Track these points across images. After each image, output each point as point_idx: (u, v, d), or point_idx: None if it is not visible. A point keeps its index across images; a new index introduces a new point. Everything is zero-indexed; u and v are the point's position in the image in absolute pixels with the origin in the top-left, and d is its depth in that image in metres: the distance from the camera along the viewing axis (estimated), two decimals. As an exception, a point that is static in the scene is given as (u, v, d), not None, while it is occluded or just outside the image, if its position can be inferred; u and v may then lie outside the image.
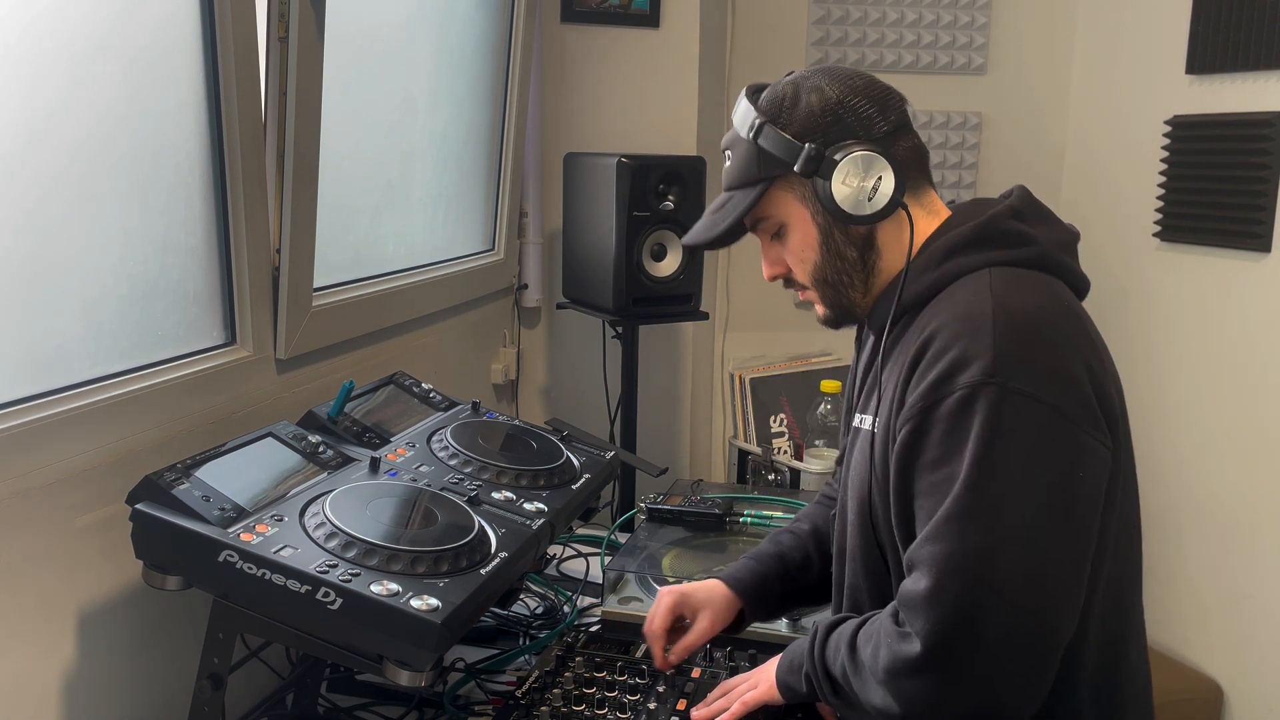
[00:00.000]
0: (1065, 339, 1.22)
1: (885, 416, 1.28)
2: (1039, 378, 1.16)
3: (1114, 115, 3.10)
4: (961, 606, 1.12)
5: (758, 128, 1.31)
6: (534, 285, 2.98)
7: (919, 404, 1.19)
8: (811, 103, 1.30)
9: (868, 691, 1.21)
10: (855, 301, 1.36)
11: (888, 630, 1.19)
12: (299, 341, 1.84)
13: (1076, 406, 1.18)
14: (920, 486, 1.20)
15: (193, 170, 1.61)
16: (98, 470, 1.40)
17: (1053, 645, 1.15)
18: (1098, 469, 1.20)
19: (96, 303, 1.45)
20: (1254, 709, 2.70)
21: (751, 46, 3.13)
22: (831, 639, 1.29)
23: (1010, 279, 1.24)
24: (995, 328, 1.17)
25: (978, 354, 1.16)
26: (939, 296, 1.27)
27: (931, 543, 1.15)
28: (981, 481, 1.14)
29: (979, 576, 1.12)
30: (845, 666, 1.25)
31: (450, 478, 1.60)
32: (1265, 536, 2.63)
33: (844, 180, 1.27)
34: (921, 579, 1.15)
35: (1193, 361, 2.81)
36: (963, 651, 1.13)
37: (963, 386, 1.16)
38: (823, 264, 1.35)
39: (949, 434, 1.17)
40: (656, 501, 2.16)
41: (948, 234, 1.31)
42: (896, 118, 1.32)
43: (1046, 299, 1.25)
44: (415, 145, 2.39)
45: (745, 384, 3.23)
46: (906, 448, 1.21)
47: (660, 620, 1.52)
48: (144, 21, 1.48)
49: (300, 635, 1.28)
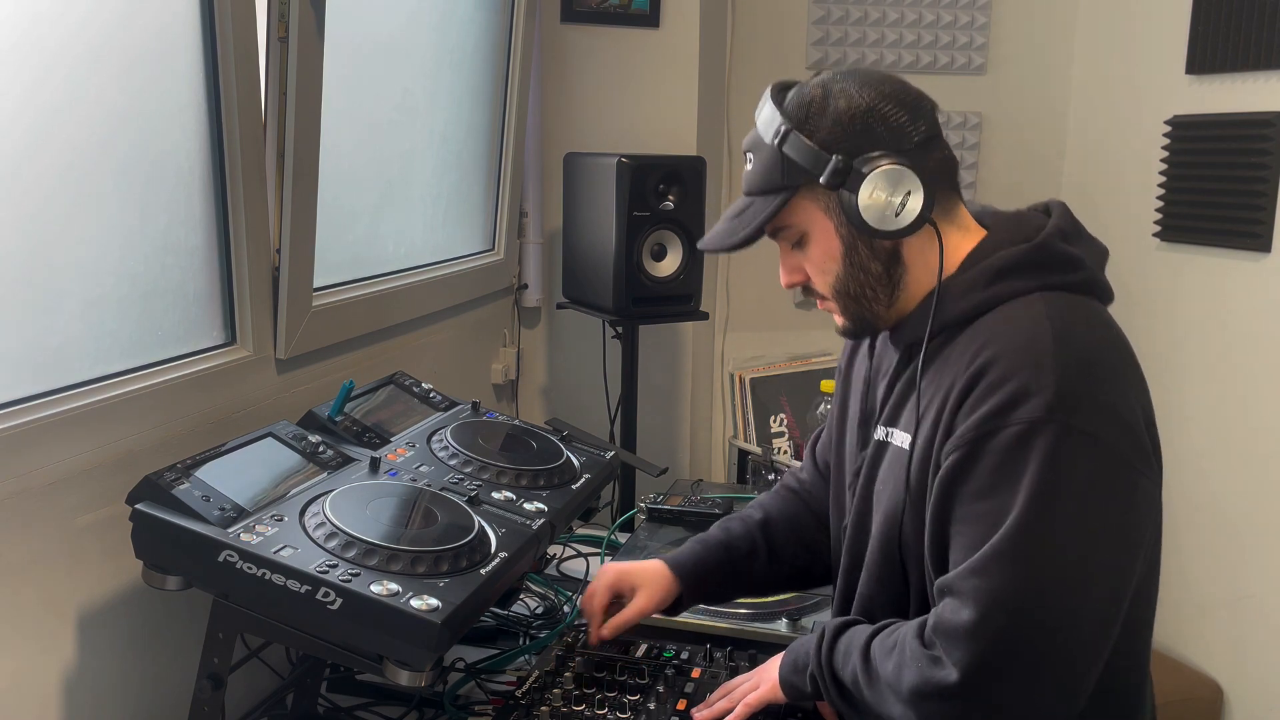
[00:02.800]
0: (1122, 375, 1.21)
1: (926, 438, 1.25)
2: (1099, 417, 1.15)
3: (1114, 115, 3.10)
4: (1003, 642, 1.13)
5: (783, 134, 1.26)
6: (534, 285, 2.98)
7: (971, 434, 1.17)
8: (840, 109, 1.25)
9: (884, 704, 1.21)
10: (878, 315, 1.33)
11: (915, 652, 1.18)
12: (299, 341, 1.84)
13: (1132, 446, 1.17)
14: (961, 513, 1.19)
15: (193, 170, 1.61)
16: (98, 470, 1.40)
17: (1085, 680, 1.16)
18: (1147, 506, 1.20)
19: (97, 302, 1.45)
20: (1254, 709, 2.70)
21: (751, 46, 3.13)
22: (841, 643, 1.29)
23: (1065, 306, 1.22)
24: (1055, 361, 1.15)
25: (1039, 388, 1.14)
26: (986, 317, 1.24)
27: (977, 575, 1.14)
28: (1036, 520, 1.13)
29: (1023, 615, 1.13)
30: (858, 675, 1.24)
31: (450, 478, 1.60)
32: (1265, 536, 2.63)
33: (871, 194, 1.22)
34: (963, 610, 1.14)
35: (1193, 361, 2.81)
36: (998, 684, 1.13)
37: (1022, 421, 1.14)
38: (845, 276, 1.31)
39: (1001, 467, 1.15)
40: (656, 501, 2.16)
41: (997, 254, 1.27)
42: (928, 127, 1.27)
43: (1102, 330, 1.24)
44: (415, 145, 2.39)
45: (745, 384, 3.23)
46: (953, 474, 1.19)
47: (600, 597, 1.53)
48: (144, 22, 1.48)
49: (300, 635, 1.28)
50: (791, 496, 1.64)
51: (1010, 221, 1.32)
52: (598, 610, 1.53)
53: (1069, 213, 1.33)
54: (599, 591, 1.54)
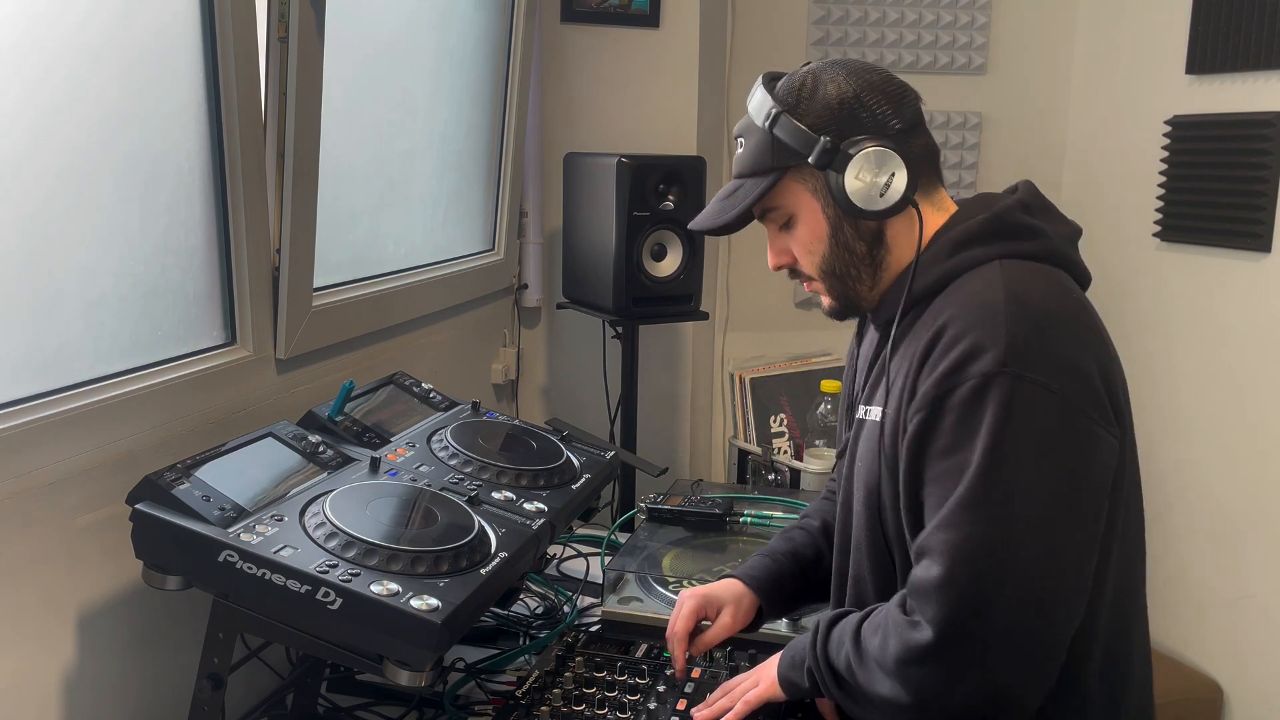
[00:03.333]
0: (1076, 330, 1.23)
1: (895, 407, 1.28)
2: (1051, 368, 1.17)
3: (1114, 115, 3.10)
4: (973, 594, 1.13)
5: (774, 117, 1.31)
6: (534, 285, 2.98)
7: (931, 392, 1.20)
8: (829, 94, 1.31)
9: (874, 682, 1.21)
10: (862, 294, 1.37)
11: (896, 620, 1.19)
12: (299, 341, 1.84)
13: (1087, 396, 1.19)
14: (930, 474, 1.21)
15: (193, 171, 1.61)
16: (98, 470, 1.40)
17: (1061, 632, 1.16)
18: (1106, 458, 1.21)
19: (97, 303, 1.45)
20: (1254, 709, 2.70)
21: (751, 46, 3.13)
22: (834, 633, 1.30)
23: (1021, 270, 1.26)
24: (1008, 318, 1.18)
25: (991, 343, 1.17)
26: (949, 288, 1.28)
27: (943, 530, 1.16)
28: (994, 469, 1.15)
29: (990, 564, 1.13)
30: (850, 659, 1.25)
31: (450, 478, 1.60)
32: (1265, 536, 2.63)
33: (857, 175, 1.28)
34: (933, 566, 1.15)
35: (1193, 361, 2.81)
36: (973, 639, 1.14)
37: (976, 375, 1.17)
38: (830, 256, 1.36)
39: (961, 422, 1.18)
40: (656, 501, 2.16)
41: (957, 227, 1.31)
42: (911, 115, 1.32)
43: (1057, 290, 1.26)
44: (415, 145, 2.39)
45: (745, 384, 3.23)
46: (918, 436, 1.22)
47: (684, 623, 1.52)
48: (144, 22, 1.48)
49: (300, 635, 1.28)
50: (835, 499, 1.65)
51: (976, 200, 1.37)
52: (683, 637, 1.51)
53: (1035, 189, 1.37)
54: (682, 618, 1.52)
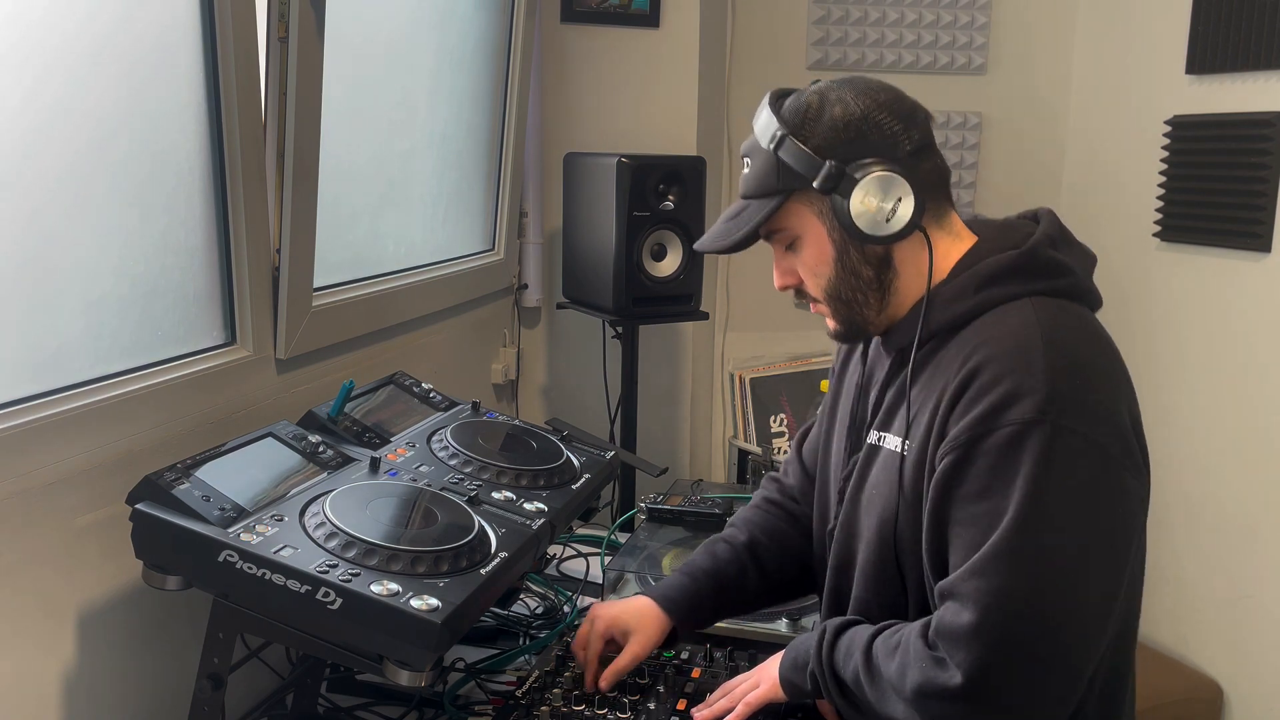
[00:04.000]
0: (1111, 377, 1.23)
1: (920, 442, 1.27)
2: (1089, 418, 1.17)
3: (1114, 115, 3.10)
4: (1005, 643, 1.14)
5: (779, 139, 1.28)
6: (534, 285, 2.98)
7: (965, 435, 1.19)
8: (835, 116, 1.27)
9: (886, 703, 1.22)
10: (869, 319, 1.35)
11: (919, 652, 1.19)
12: (299, 341, 1.84)
13: (1121, 447, 1.19)
14: (959, 516, 1.20)
15: (193, 170, 1.61)
16: (98, 470, 1.40)
17: (1084, 674, 1.18)
18: (1137, 505, 1.23)
19: (97, 303, 1.45)
20: (1254, 709, 2.70)
21: (751, 46, 3.13)
22: (842, 642, 1.29)
23: (1053, 311, 1.24)
24: (1046, 364, 1.17)
25: (1030, 390, 1.16)
26: (976, 323, 1.26)
27: (977, 577, 1.16)
28: (1031, 520, 1.14)
29: (1024, 613, 1.14)
30: (860, 674, 1.25)
31: (450, 478, 1.60)
32: (1265, 536, 2.63)
33: (863, 200, 1.25)
34: (964, 612, 1.15)
35: (1193, 361, 2.81)
36: (1001, 684, 1.15)
37: (1014, 422, 1.16)
38: (836, 280, 1.33)
39: (996, 468, 1.17)
40: (656, 501, 2.16)
41: (985, 260, 1.29)
42: (921, 136, 1.29)
43: (1090, 334, 1.26)
44: (415, 145, 2.39)
45: (745, 384, 3.23)
46: (948, 477, 1.21)
47: (595, 646, 1.50)
48: (144, 22, 1.48)
49: (300, 635, 1.28)
50: (773, 510, 1.63)
51: (999, 229, 1.35)
52: (594, 659, 1.50)
53: (1057, 220, 1.35)
54: (593, 640, 1.50)
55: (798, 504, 1.62)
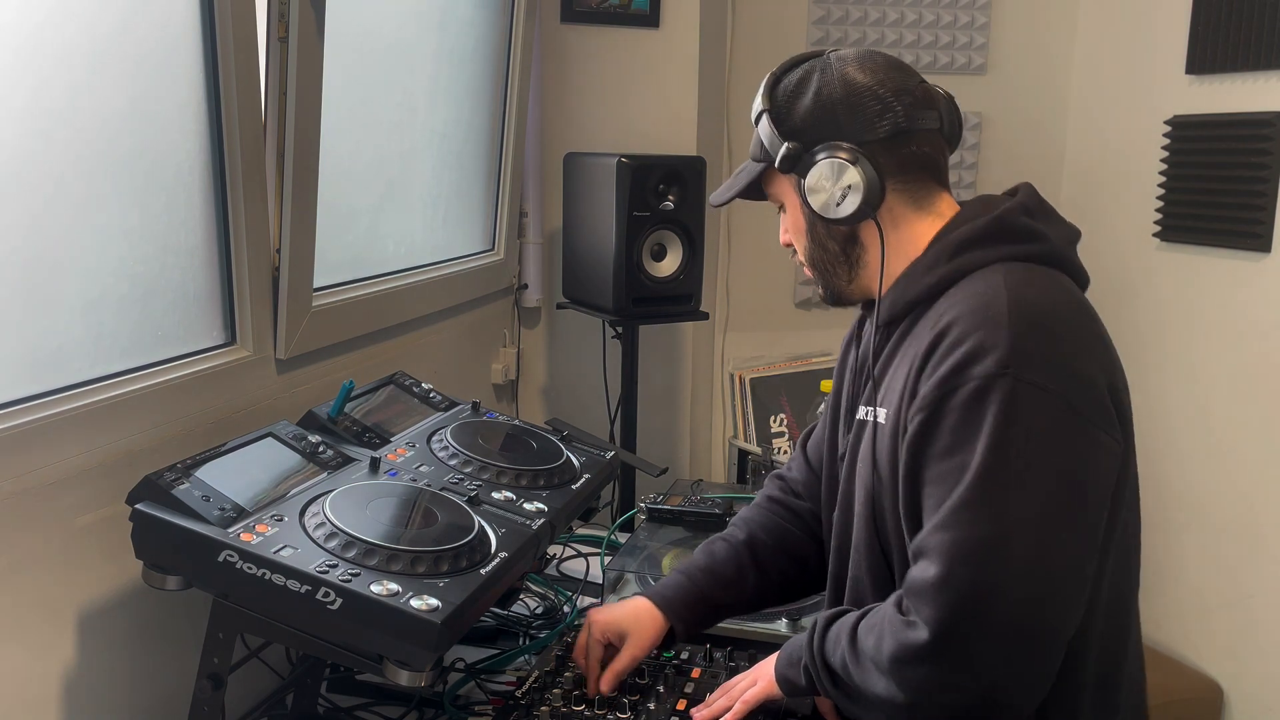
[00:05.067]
0: (1079, 334, 1.24)
1: (894, 408, 1.28)
2: (1053, 371, 1.17)
3: (1114, 115, 3.10)
4: (971, 594, 1.13)
5: (758, 115, 1.36)
6: (534, 285, 2.98)
7: (933, 394, 1.20)
8: (813, 97, 1.33)
9: (869, 681, 1.21)
10: (841, 288, 1.42)
11: (892, 619, 1.19)
12: (299, 341, 1.84)
13: (1089, 401, 1.19)
14: (930, 475, 1.21)
15: (193, 170, 1.61)
16: (98, 470, 1.40)
17: (1058, 636, 1.16)
18: (1108, 464, 1.21)
19: (97, 303, 1.45)
20: (1254, 709, 2.70)
21: (751, 46, 3.13)
22: (831, 631, 1.30)
23: (1023, 274, 1.25)
24: (1011, 320, 1.18)
25: (993, 346, 1.17)
26: (951, 290, 1.28)
27: (941, 530, 1.16)
28: (993, 471, 1.15)
29: (988, 565, 1.13)
30: (845, 657, 1.25)
31: (450, 478, 1.60)
32: (1265, 536, 2.63)
33: (816, 182, 1.32)
34: (930, 566, 1.15)
35: (1193, 361, 2.81)
36: (970, 639, 1.13)
37: (977, 377, 1.17)
38: (810, 249, 1.41)
39: (961, 424, 1.17)
40: (656, 501, 2.16)
41: (958, 229, 1.31)
42: (904, 121, 1.31)
43: (1060, 294, 1.26)
44: (415, 145, 2.39)
45: (745, 384, 3.23)
46: (918, 437, 1.22)
47: (595, 652, 1.50)
48: (145, 22, 1.48)
49: (300, 635, 1.28)
50: (775, 508, 1.63)
51: (975, 203, 1.37)
52: (594, 664, 1.49)
53: (1035, 192, 1.37)
54: (592, 645, 1.50)
55: (801, 500, 1.62)
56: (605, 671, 1.48)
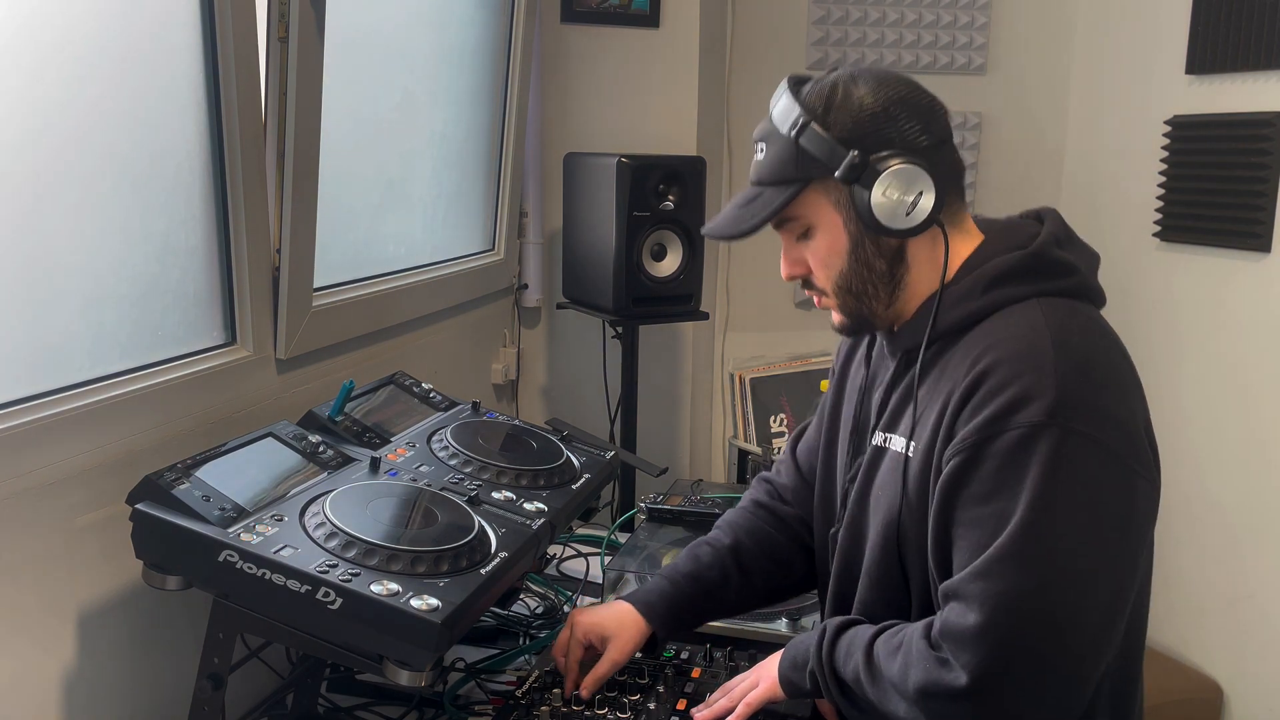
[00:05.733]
0: (1120, 379, 1.23)
1: (925, 442, 1.27)
2: (1099, 420, 1.16)
3: (1114, 115, 3.10)
4: (1011, 645, 1.14)
5: (801, 126, 1.26)
6: (534, 285, 2.98)
7: (973, 437, 1.19)
8: (857, 105, 1.26)
9: (888, 702, 1.22)
10: (876, 313, 1.33)
11: (922, 652, 1.19)
12: (299, 341, 1.84)
13: (1131, 448, 1.19)
14: (965, 517, 1.20)
15: (193, 170, 1.61)
16: (98, 470, 1.40)
17: (1091, 678, 1.18)
18: (1147, 507, 1.22)
19: (97, 302, 1.45)
20: (1254, 709, 2.70)
21: (751, 46, 3.13)
22: (842, 641, 1.29)
23: (1061, 312, 1.24)
24: (1056, 366, 1.17)
25: (1039, 393, 1.16)
26: (983, 324, 1.26)
27: (983, 579, 1.15)
28: (1038, 522, 1.14)
29: (1030, 616, 1.14)
30: (860, 673, 1.25)
31: (450, 478, 1.60)
32: (1265, 536, 2.63)
33: (885, 192, 1.23)
34: (970, 614, 1.15)
35: (1193, 361, 2.81)
36: (1006, 686, 1.14)
37: (1023, 425, 1.16)
38: (849, 272, 1.31)
39: (1003, 470, 1.17)
40: (656, 501, 2.16)
41: (991, 261, 1.28)
42: (940, 130, 1.29)
43: (1099, 335, 1.25)
44: (415, 145, 2.39)
45: (745, 384, 3.23)
46: (955, 478, 1.21)
47: (575, 653, 1.49)
48: (144, 21, 1.48)
49: (300, 635, 1.28)
50: (761, 513, 1.62)
51: (1004, 229, 1.34)
52: (574, 665, 1.49)
53: (1061, 220, 1.34)
54: (573, 646, 1.49)
55: (788, 505, 1.62)
56: (586, 676, 1.47)
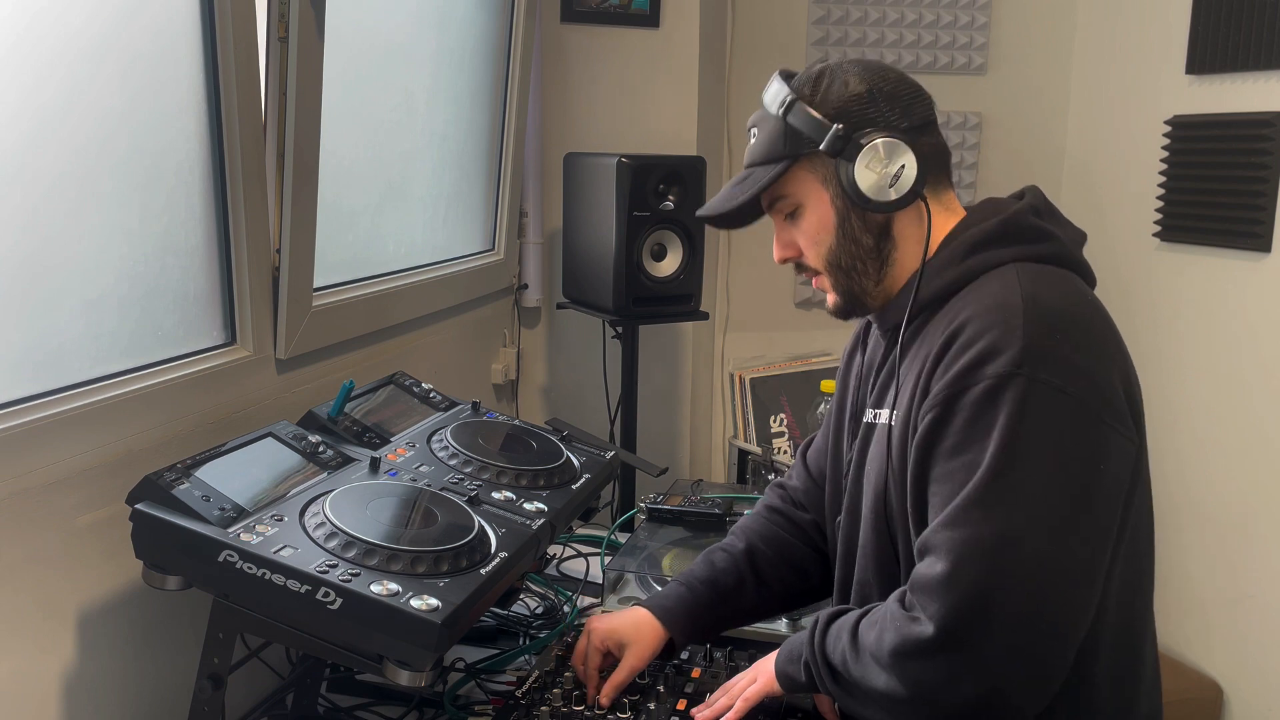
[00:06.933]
0: (1092, 333, 1.24)
1: (905, 408, 1.29)
2: (1067, 371, 1.17)
3: (1114, 115, 3.10)
4: (978, 591, 1.13)
5: (788, 104, 1.32)
6: (534, 285, 2.98)
7: (944, 392, 1.20)
8: (843, 87, 1.32)
9: (869, 675, 1.21)
10: (867, 290, 1.37)
11: (894, 613, 1.19)
12: (299, 341, 1.84)
13: (1102, 400, 1.19)
14: (937, 472, 1.21)
15: (193, 170, 1.61)
16: (98, 470, 1.40)
17: (1066, 636, 1.16)
18: (1121, 462, 1.21)
19: (97, 302, 1.45)
20: (1254, 709, 2.70)
21: (751, 46, 3.13)
22: (833, 628, 1.30)
23: (1036, 274, 1.26)
24: (1025, 320, 1.19)
25: (1007, 345, 1.18)
26: (963, 291, 1.28)
27: (949, 528, 1.16)
28: (1005, 470, 1.15)
29: (997, 563, 1.13)
30: (845, 653, 1.25)
31: (450, 478, 1.60)
32: (1265, 536, 2.63)
33: (868, 164, 1.29)
34: (937, 563, 1.15)
35: (1193, 361, 2.81)
36: (975, 635, 1.13)
37: (990, 376, 1.17)
38: (837, 248, 1.35)
39: (972, 422, 1.18)
40: (656, 501, 2.16)
41: (970, 230, 1.32)
42: (922, 114, 1.34)
43: (1073, 293, 1.27)
44: (415, 145, 2.39)
45: (745, 384, 3.23)
46: (928, 434, 1.22)
47: (594, 660, 1.49)
48: (144, 22, 1.48)
49: (300, 635, 1.28)
50: (776, 518, 1.63)
51: (985, 204, 1.38)
52: (593, 672, 1.49)
53: (1042, 194, 1.38)
54: (591, 654, 1.50)
55: (801, 510, 1.62)
56: (605, 683, 1.47)
